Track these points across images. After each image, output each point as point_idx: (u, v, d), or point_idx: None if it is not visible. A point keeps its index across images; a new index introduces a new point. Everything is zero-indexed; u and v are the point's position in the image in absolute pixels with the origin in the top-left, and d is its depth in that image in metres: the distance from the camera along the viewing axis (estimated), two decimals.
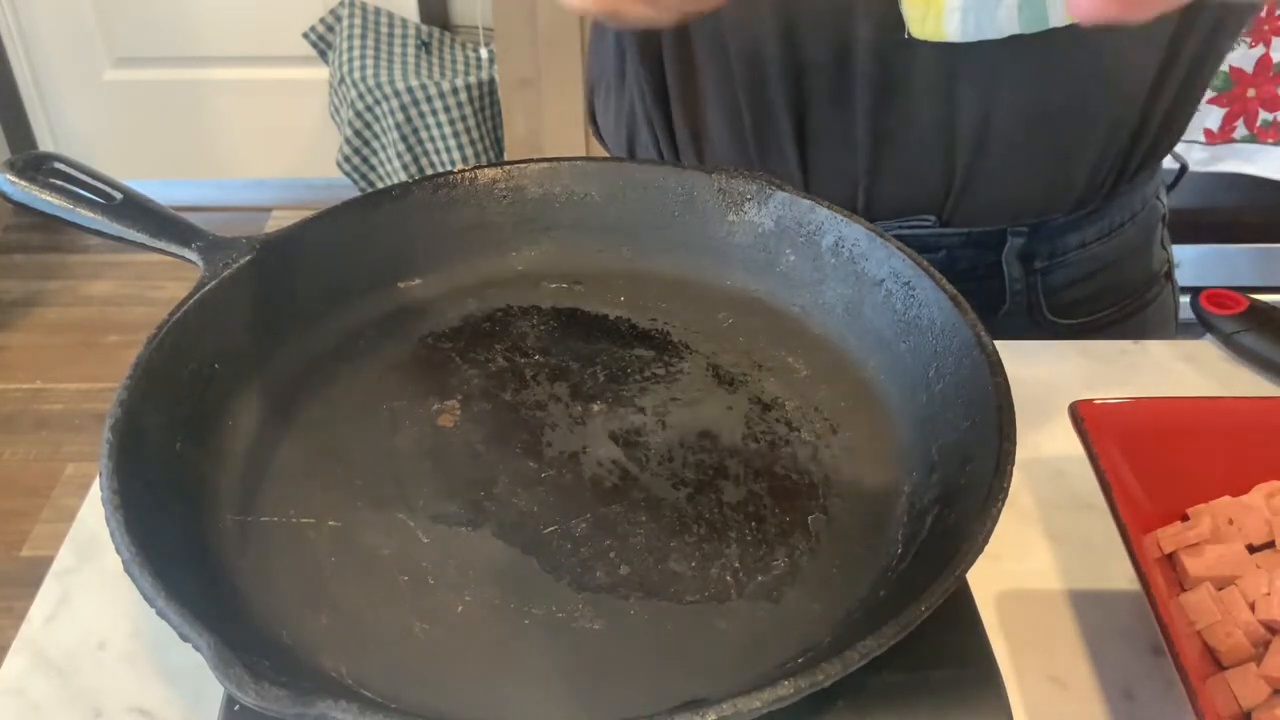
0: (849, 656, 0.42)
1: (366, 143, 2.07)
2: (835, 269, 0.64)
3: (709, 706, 0.40)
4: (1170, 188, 0.89)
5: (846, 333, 0.63)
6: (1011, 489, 0.47)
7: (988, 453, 0.50)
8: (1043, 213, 0.79)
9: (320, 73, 2.20)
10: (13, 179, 0.61)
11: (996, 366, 0.54)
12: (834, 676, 0.41)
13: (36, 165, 0.62)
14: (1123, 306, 0.86)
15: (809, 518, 0.54)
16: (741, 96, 0.76)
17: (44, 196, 0.61)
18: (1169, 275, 0.90)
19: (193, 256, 0.60)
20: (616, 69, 0.83)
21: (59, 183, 0.61)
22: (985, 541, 0.46)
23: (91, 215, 0.61)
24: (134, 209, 0.62)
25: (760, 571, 0.52)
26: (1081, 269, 0.82)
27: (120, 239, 0.60)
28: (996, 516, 0.46)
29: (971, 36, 0.65)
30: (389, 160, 2.06)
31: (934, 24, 0.65)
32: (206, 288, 0.58)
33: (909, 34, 0.67)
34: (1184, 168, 0.91)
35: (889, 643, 0.42)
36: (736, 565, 0.52)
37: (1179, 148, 0.83)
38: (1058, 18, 0.64)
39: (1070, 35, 0.64)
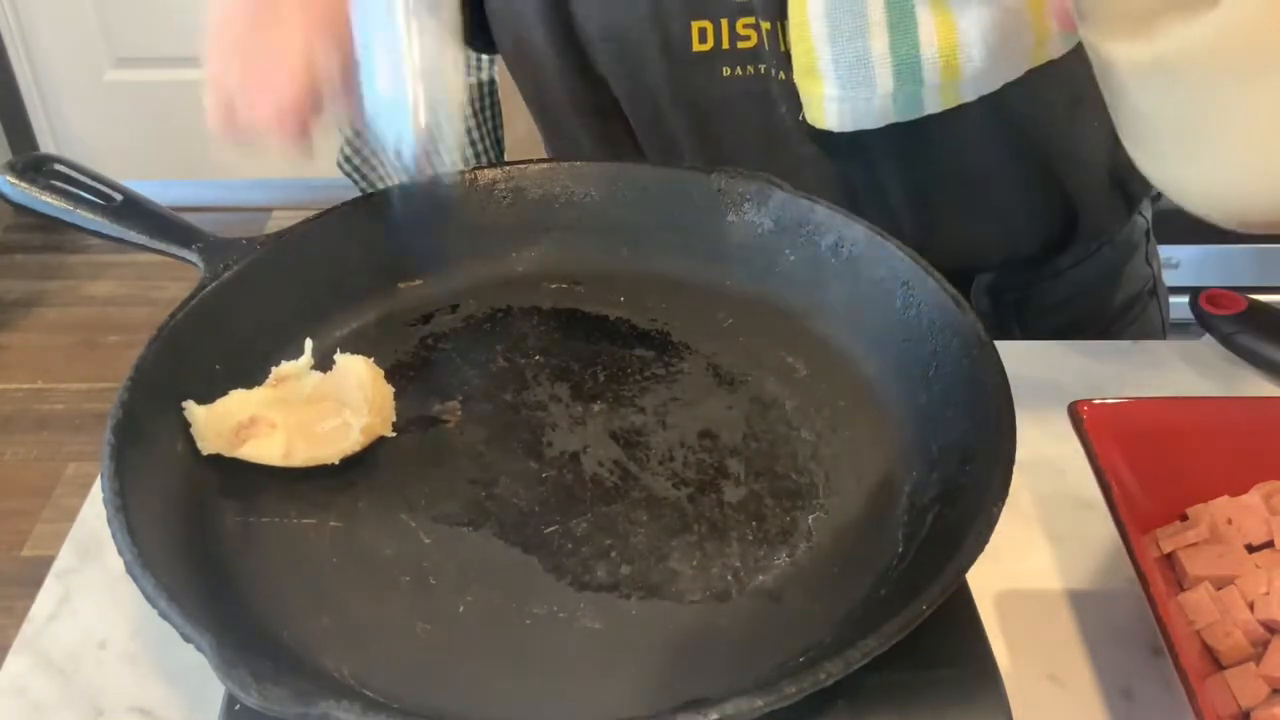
0: (850, 655, 0.42)
1: (367, 143, 2.07)
2: (834, 269, 0.64)
3: (710, 706, 0.40)
4: (1155, 199, 0.86)
5: (846, 332, 0.63)
6: (1011, 488, 0.48)
7: (988, 452, 0.50)
8: (1007, 255, 0.78)
9: None
10: (13, 180, 0.61)
11: (996, 365, 0.54)
12: (835, 676, 0.42)
13: (37, 167, 0.62)
14: (1102, 330, 0.84)
15: (809, 517, 0.54)
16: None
17: (44, 198, 0.61)
18: (1154, 291, 0.88)
19: (193, 258, 0.60)
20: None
21: (59, 184, 0.62)
22: (986, 540, 0.46)
23: (92, 216, 0.61)
24: (134, 210, 0.62)
25: (761, 571, 0.52)
26: (1056, 296, 0.81)
27: (120, 240, 0.61)
28: (997, 515, 0.46)
29: (848, 127, 0.66)
30: (388, 160, 2.06)
31: (816, 112, 0.66)
32: (207, 289, 0.59)
33: (803, 118, 0.67)
34: None
35: (890, 641, 0.42)
36: (737, 564, 0.52)
37: None
38: (933, 104, 0.64)
39: (976, 105, 0.64)
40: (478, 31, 0.80)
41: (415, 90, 0.58)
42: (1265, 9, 0.39)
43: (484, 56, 0.85)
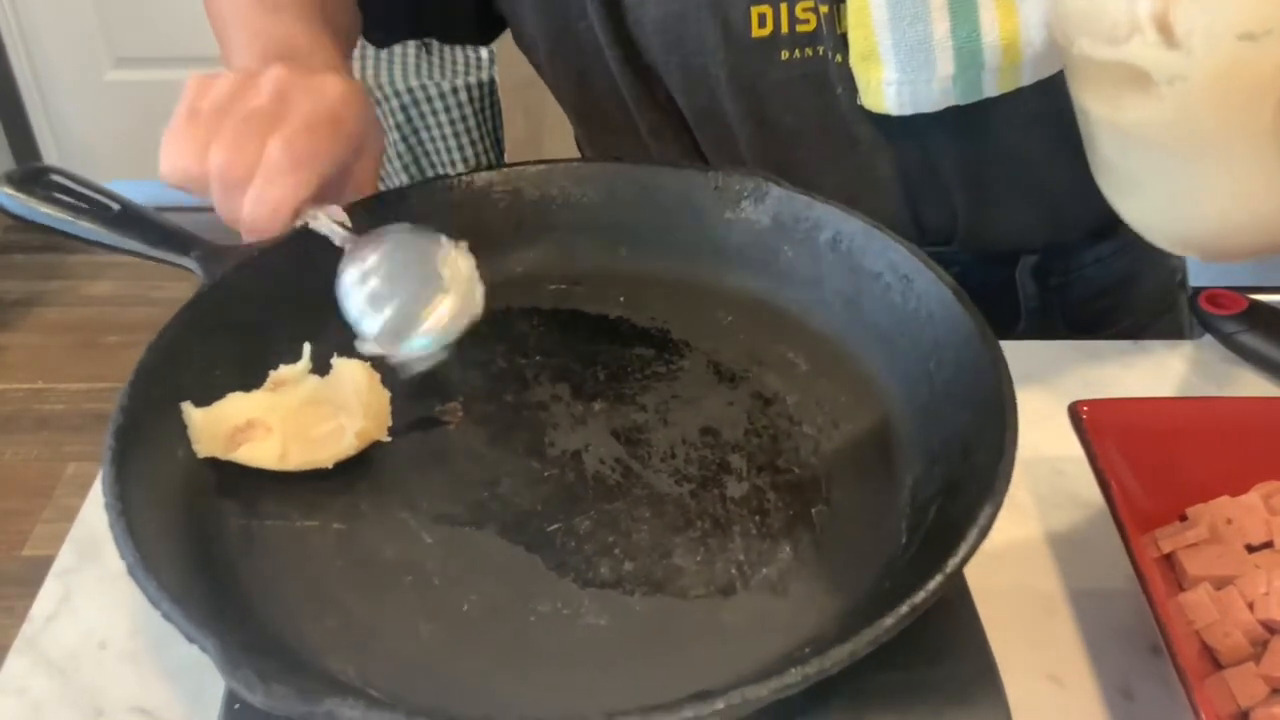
0: (857, 643, 0.42)
1: None
2: (833, 264, 0.64)
3: (717, 696, 0.40)
4: None
5: (846, 327, 0.63)
6: (1011, 488, 0.48)
7: (990, 442, 0.50)
8: (1054, 238, 0.79)
9: None
10: (11, 192, 0.61)
11: (997, 357, 0.54)
12: (842, 663, 0.41)
13: (35, 178, 0.62)
14: (1138, 319, 0.85)
15: (812, 511, 0.54)
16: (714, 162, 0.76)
17: (43, 209, 0.61)
18: (1183, 284, 0.89)
19: (191, 265, 0.60)
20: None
21: (57, 195, 0.62)
22: (990, 525, 0.46)
23: (90, 226, 0.61)
24: (132, 219, 0.62)
25: (764, 565, 0.52)
26: (1098, 284, 0.82)
27: (120, 249, 0.61)
28: (1000, 502, 0.46)
29: (907, 110, 0.66)
30: (389, 161, 2.05)
31: (874, 96, 0.67)
32: (206, 294, 0.59)
33: (860, 101, 0.68)
34: None
35: (899, 628, 0.42)
36: (741, 559, 0.52)
37: None
38: (993, 88, 0.65)
39: (1033, 87, 0.65)
40: (479, 27, 0.80)
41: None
42: (1204, 110, 0.48)
43: (484, 56, 0.85)
